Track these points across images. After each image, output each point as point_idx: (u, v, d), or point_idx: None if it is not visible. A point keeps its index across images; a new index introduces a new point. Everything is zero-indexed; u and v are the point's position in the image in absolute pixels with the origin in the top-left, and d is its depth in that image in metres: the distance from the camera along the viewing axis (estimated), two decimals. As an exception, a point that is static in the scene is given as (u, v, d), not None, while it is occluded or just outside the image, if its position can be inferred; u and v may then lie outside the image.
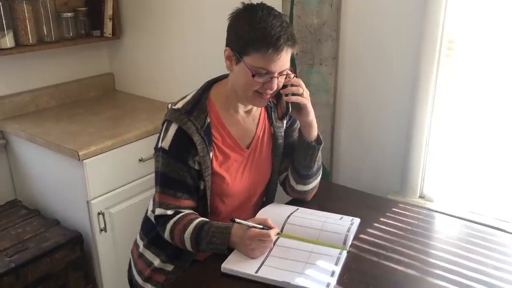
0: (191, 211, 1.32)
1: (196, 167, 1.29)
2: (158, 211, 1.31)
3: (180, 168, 1.28)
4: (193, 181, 1.30)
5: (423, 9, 1.57)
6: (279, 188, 1.54)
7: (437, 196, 1.75)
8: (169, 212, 1.30)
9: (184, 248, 1.30)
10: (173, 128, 1.27)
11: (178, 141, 1.27)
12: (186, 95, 1.34)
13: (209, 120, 1.30)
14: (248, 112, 1.39)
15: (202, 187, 1.32)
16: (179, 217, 1.29)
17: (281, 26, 1.18)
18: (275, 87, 1.25)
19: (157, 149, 1.31)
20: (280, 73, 1.23)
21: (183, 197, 1.30)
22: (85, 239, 2.05)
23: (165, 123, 1.30)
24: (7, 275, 1.77)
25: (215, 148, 1.32)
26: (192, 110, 1.29)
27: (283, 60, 1.20)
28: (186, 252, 1.35)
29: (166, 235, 1.31)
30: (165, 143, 1.27)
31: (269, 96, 1.27)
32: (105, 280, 2.12)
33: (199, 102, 1.30)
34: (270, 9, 1.22)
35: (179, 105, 1.30)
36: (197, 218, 1.29)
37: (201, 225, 1.25)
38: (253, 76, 1.20)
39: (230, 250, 1.24)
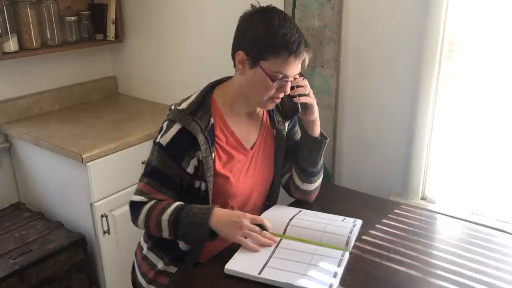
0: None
1: (189, 170, 1.29)
2: (137, 198, 1.31)
3: (172, 167, 1.29)
4: (181, 182, 1.31)
5: (424, 11, 1.58)
6: (281, 191, 1.55)
7: (439, 198, 1.75)
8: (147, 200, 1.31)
9: (159, 235, 1.29)
10: (175, 128, 1.28)
11: (178, 141, 1.27)
12: (189, 96, 1.35)
13: (213, 120, 1.30)
14: (252, 113, 1.40)
15: (203, 188, 1.32)
16: (156, 201, 1.29)
17: (298, 32, 1.21)
18: (288, 91, 1.28)
19: (155, 142, 1.32)
20: (293, 77, 1.27)
21: (167, 194, 1.31)
22: (88, 242, 2.06)
23: (167, 122, 1.30)
24: (11, 277, 1.79)
25: (218, 148, 1.33)
26: (197, 110, 1.29)
27: (299, 65, 1.24)
28: (189, 254, 1.36)
29: (141, 220, 1.30)
30: (164, 140, 1.28)
31: (280, 99, 1.30)
32: (108, 282, 2.13)
33: (203, 103, 1.31)
34: (284, 14, 1.24)
35: (183, 106, 1.31)
36: (177, 202, 1.29)
37: (181, 207, 1.26)
38: (273, 81, 1.22)
39: (212, 233, 1.23)
